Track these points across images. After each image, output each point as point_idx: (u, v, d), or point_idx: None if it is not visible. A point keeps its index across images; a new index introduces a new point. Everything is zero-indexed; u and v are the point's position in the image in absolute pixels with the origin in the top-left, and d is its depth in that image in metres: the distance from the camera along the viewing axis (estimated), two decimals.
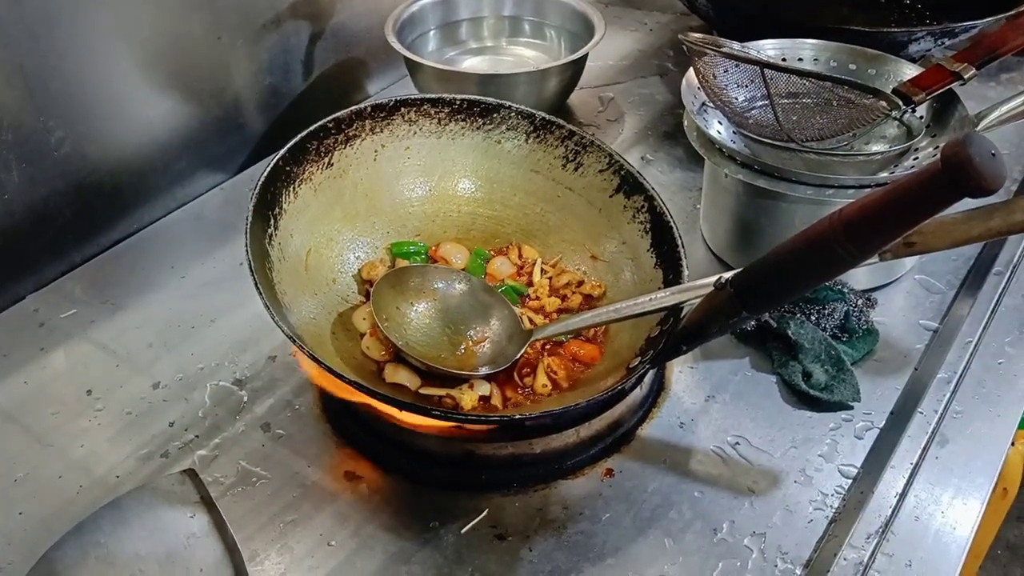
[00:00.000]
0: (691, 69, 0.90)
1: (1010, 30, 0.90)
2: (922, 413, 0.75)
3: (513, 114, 0.85)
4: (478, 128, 0.85)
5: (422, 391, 0.73)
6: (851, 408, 0.77)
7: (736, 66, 0.86)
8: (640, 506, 0.70)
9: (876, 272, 0.87)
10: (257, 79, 1.07)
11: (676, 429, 0.76)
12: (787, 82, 0.83)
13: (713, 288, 0.65)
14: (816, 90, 0.83)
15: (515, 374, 0.75)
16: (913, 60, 0.99)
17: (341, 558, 0.67)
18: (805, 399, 0.78)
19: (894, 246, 0.65)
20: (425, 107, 0.84)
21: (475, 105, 0.85)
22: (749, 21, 1.10)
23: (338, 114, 0.81)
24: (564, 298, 0.81)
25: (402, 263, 0.82)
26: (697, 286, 0.68)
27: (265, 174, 0.75)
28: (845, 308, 0.81)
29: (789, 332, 0.79)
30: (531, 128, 0.85)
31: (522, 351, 0.74)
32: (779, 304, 0.80)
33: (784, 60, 0.93)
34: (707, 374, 0.81)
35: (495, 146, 0.86)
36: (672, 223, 0.78)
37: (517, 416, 0.70)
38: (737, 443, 0.75)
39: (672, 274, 0.76)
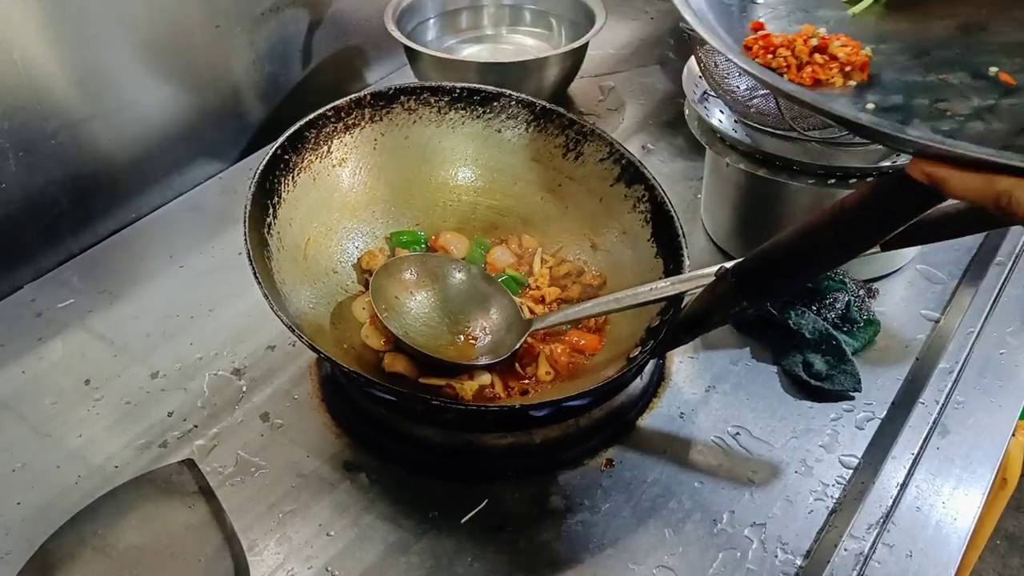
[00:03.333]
0: (692, 58, 0.89)
1: None
2: (923, 403, 0.75)
3: (513, 103, 0.85)
4: (478, 117, 0.85)
5: (422, 381, 0.73)
6: (852, 398, 0.77)
7: None
8: (640, 496, 0.70)
9: (877, 262, 0.87)
10: (255, 67, 1.07)
11: (676, 419, 0.76)
12: None
13: (714, 278, 0.65)
14: None
15: (516, 364, 0.75)
16: None
17: (340, 548, 0.67)
18: (806, 389, 0.77)
19: (896, 235, 0.64)
20: (425, 96, 0.84)
21: (475, 94, 0.84)
22: None
23: (337, 102, 0.80)
24: (564, 288, 0.81)
25: (402, 252, 0.82)
26: (698, 276, 0.68)
27: (264, 163, 0.74)
28: (846, 298, 0.81)
29: (790, 322, 0.79)
30: (531, 117, 0.85)
31: (522, 341, 0.74)
32: (780, 294, 0.79)
33: None
34: (707, 364, 0.80)
35: (495, 135, 0.85)
36: (673, 212, 0.77)
37: (516, 406, 0.70)
38: (737, 433, 0.75)
39: (673, 264, 0.75)
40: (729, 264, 0.64)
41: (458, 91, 0.84)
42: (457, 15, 1.22)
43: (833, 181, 0.79)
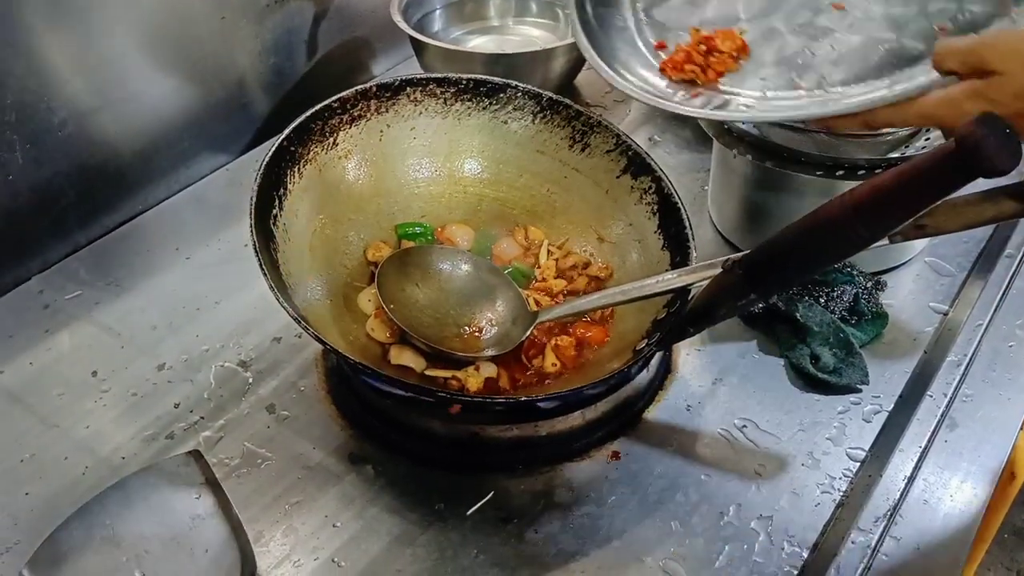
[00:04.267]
0: None
1: None
2: (931, 396, 0.75)
3: (520, 94, 0.84)
4: (484, 108, 0.85)
5: (428, 373, 0.73)
6: (859, 391, 0.76)
7: None
8: (646, 489, 0.70)
9: (885, 254, 0.86)
10: (261, 59, 1.07)
11: (683, 412, 0.76)
12: None
13: (721, 270, 0.65)
14: None
15: (522, 356, 0.75)
16: None
17: (345, 539, 0.67)
18: (813, 382, 0.77)
19: (905, 228, 0.64)
20: (431, 87, 0.83)
21: (481, 85, 0.84)
22: None
23: (343, 94, 0.80)
24: (570, 280, 0.81)
25: (408, 244, 0.82)
26: (705, 268, 0.68)
27: (270, 155, 0.74)
28: (854, 291, 0.81)
29: (797, 315, 0.79)
30: (538, 108, 0.84)
31: (527, 333, 0.74)
32: (788, 286, 0.79)
33: None
34: (714, 357, 0.80)
35: (501, 126, 0.85)
36: (680, 204, 0.77)
37: (523, 398, 0.70)
38: (744, 426, 0.74)
39: (680, 256, 0.75)
40: (736, 256, 0.64)
41: (464, 82, 0.84)
42: (463, 6, 1.21)
43: (841, 173, 0.78)
